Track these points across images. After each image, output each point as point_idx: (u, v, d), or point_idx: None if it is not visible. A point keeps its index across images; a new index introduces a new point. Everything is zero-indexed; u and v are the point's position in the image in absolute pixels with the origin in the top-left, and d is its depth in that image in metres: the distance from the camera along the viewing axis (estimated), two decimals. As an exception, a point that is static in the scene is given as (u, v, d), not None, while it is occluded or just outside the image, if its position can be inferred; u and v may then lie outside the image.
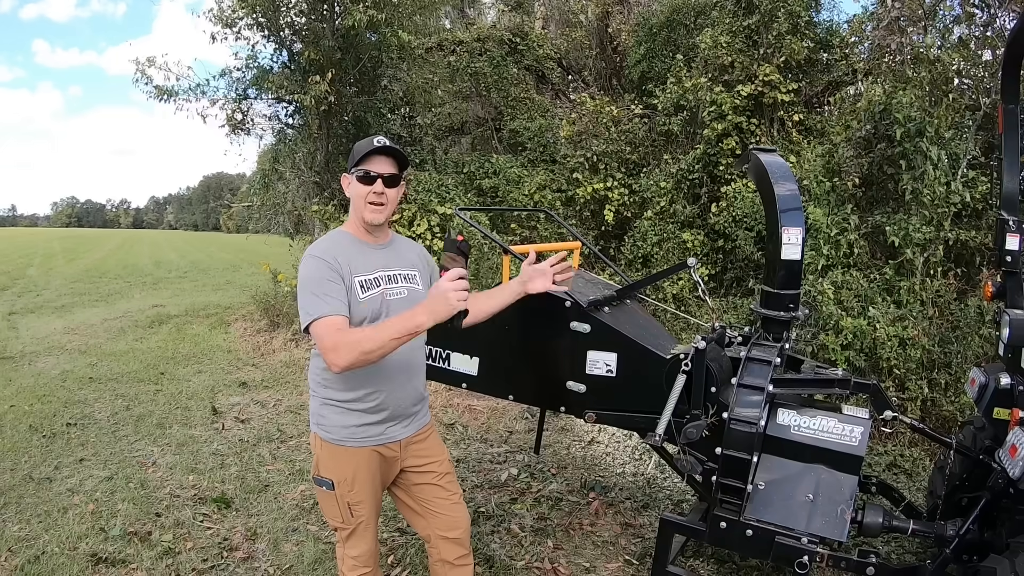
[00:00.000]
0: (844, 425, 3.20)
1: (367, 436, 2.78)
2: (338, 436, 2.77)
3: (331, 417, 2.78)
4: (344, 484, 2.79)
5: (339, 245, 2.75)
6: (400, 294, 2.78)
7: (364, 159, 2.70)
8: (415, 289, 2.86)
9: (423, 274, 2.95)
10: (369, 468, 2.81)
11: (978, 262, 6.88)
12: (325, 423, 2.80)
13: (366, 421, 2.76)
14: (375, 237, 2.85)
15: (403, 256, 2.92)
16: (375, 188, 2.71)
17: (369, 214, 2.73)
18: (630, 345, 3.42)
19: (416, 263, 2.95)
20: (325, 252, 2.67)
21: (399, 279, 2.82)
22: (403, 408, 2.84)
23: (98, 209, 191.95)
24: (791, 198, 3.49)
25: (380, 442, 2.81)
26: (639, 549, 4.34)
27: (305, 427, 6.56)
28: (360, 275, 2.69)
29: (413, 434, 2.93)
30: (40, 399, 7.40)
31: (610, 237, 10.20)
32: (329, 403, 2.78)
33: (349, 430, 2.76)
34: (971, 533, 3.26)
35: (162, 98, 10.63)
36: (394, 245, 2.94)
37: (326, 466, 2.81)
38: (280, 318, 10.94)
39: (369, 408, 2.75)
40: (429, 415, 3.07)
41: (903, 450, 5.76)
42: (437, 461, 3.01)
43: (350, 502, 2.81)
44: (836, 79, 9.62)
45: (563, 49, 14.55)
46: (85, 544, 4.35)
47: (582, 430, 6.36)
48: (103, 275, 22.27)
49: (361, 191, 2.71)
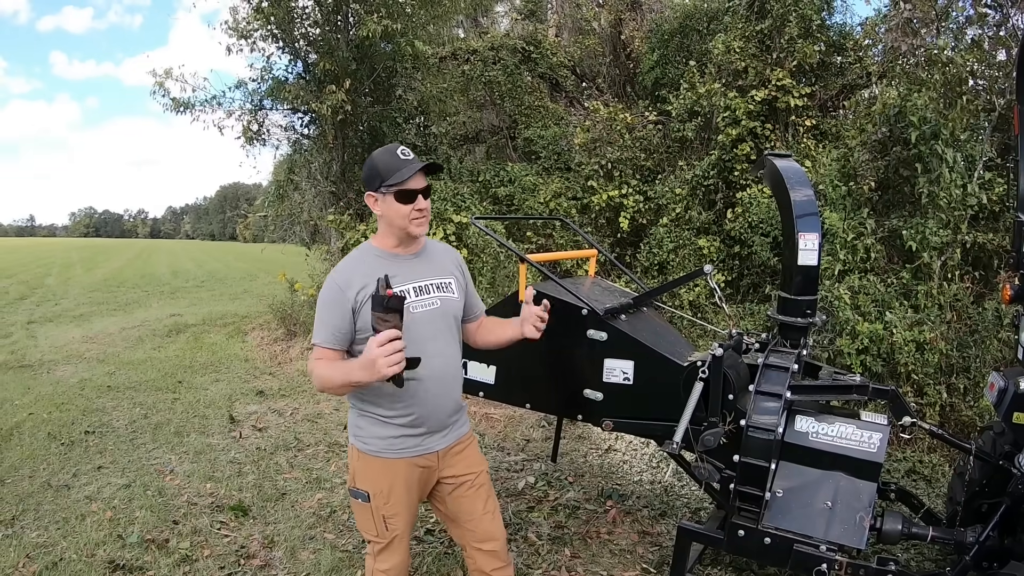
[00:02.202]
0: (862, 431, 3.18)
1: (404, 448, 2.75)
2: (375, 447, 2.75)
3: (368, 428, 2.77)
4: (379, 496, 2.77)
5: (361, 264, 2.72)
6: (431, 305, 2.75)
7: (397, 176, 2.62)
8: (449, 298, 2.82)
9: (459, 280, 2.92)
10: (406, 480, 2.79)
11: (996, 265, 6.84)
12: (362, 434, 2.79)
13: (403, 433, 2.74)
14: (406, 248, 2.80)
15: (436, 264, 2.87)
16: (416, 205, 2.67)
17: (415, 228, 2.70)
18: (647, 353, 3.42)
19: (451, 269, 2.91)
20: (341, 276, 2.68)
21: (430, 289, 2.77)
22: (440, 420, 2.79)
23: (115, 219, 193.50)
24: (807, 203, 3.48)
25: (417, 453, 2.78)
26: (657, 557, 4.33)
27: (322, 436, 6.59)
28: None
29: (451, 444, 2.89)
30: (58, 407, 7.44)
31: (626, 244, 10.19)
32: (366, 415, 2.78)
33: (386, 441, 2.74)
34: (991, 539, 3.24)
35: (179, 110, 10.72)
36: (426, 253, 2.88)
37: (362, 478, 2.80)
38: (297, 327, 10.97)
39: (406, 422, 2.72)
40: (468, 425, 3.03)
41: (922, 456, 5.72)
42: (474, 473, 2.96)
43: (385, 515, 2.78)
44: (850, 82, 9.60)
45: (576, 57, 14.56)
46: (103, 551, 4.37)
47: (599, 438, 6.35)
48: (121, 284, 22.42)
49: (403, 211, 2.66)
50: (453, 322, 2.85)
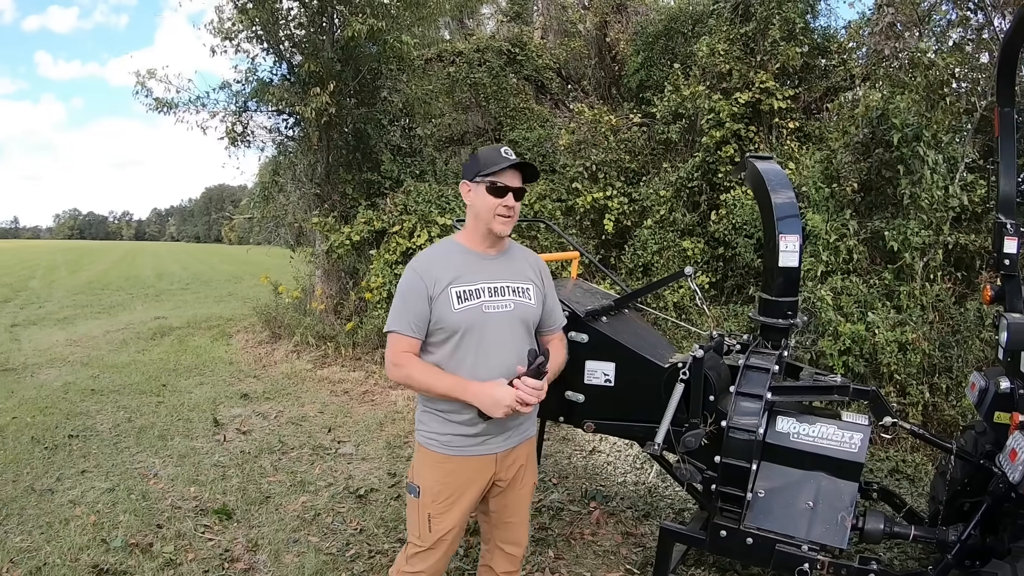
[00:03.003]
0: (844, 432, 3.20)
1: (463, 445, 2.75)
2: (436, 443, 2.76)
3: (431, 424, 2.78)
4: (429, 493, 2.77)
5: (444, 255, 2.76)
6: (505, 307, 2.73)
7: (492, 168, 2.68)
8: (524, 303, 2.80)
9: (537, 286, 2.89)
10: (462, 478, 2.78)
11: (978, 266, 6.89)
12: (424, 429, 2.80)
13: (464, 432, 2.74)
14: (489, 247, 2.81)
15: (516, 267, 2.87)
16: (506, 201, 2.70)
17: (498, 225, 2.71)
18: (628, 354, 3.43)
19: (530, 275, 2.89)
20: (422, 265, 2.70)
21: (507, 291, 2.76)
22: (500, 422, 2.73)
23: (100, 221, 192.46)
24: (788, 205, 3.50)
25: (478, 453, 2.77)
26: (640, 558, 4.34)
27: (307, 439, 6.59)
28: (460, 285, 2.67)
29: (512, 447, 2.87)
30: (42, 411, 7.39)
31: (610, 246, 10.20)
32: (429, 410, 2.79)
33: (447, 437, 2.75)
34: (973, 538, 3.26)
35: (162, 110, 10.65)
36: (509, 255, 2.88)
37: (418, 472, 2.82)
38: (281, 330, 10.93)
39: (465, 420, 2.72)
40: (534, 429, 3.02)
41: (905, 456, 5.76)
42: (525, 480, 2.97)
43: (431, 513, 2.76)
44: (834, 85, 9.65)
45: (562, 59, 14.59)
46: (86, 555, 4.35)
47: (583, 440, 6.36)
48: (105, 287, 22.28)
49: (490, 203, 2.69)
50: (525, 326, 2.82)
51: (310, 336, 10.12)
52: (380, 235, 9.78)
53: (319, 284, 11.07)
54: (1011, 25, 3.48)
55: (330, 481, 5.57)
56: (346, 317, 10.21)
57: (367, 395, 8.14)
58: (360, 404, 7.82)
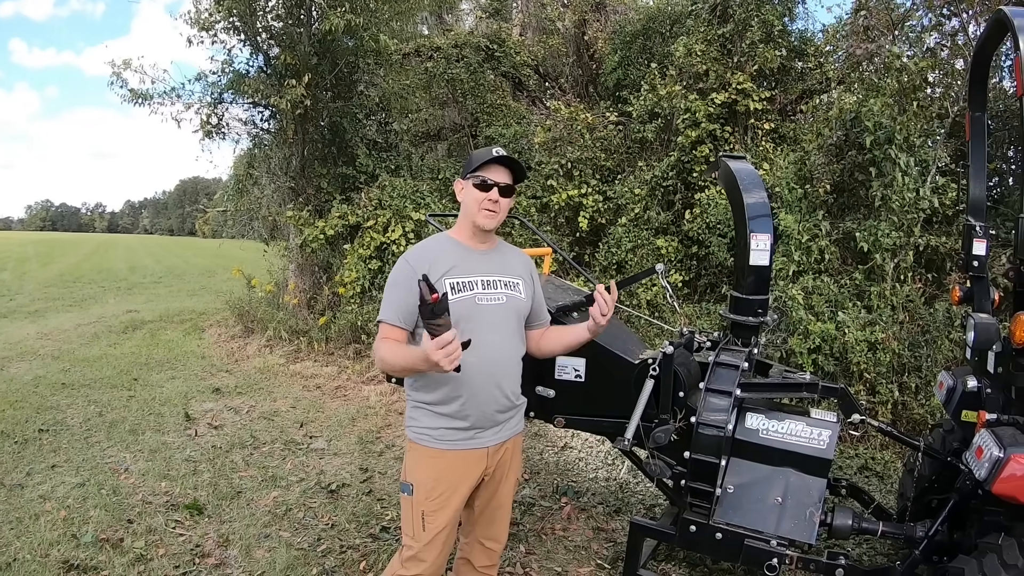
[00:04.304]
0: (812, 429, 3.24)
1: (454, 439, 2.76)
2: (427, 438, 2.77)
3: (421, 419, 2.79)
4: (422, 489, 2.77)
5: (437, 247, 2.82)
6: (497, 300, 2.79)
7: (482, 167, 2.75)
8: (516, 297, 2.86)
9: (527, 283, 2.95)
10: (454, 473, 2.79)
11: (948, 267, 6.97)
12: (415, 424, 2.81)
13: (454, 425, 2.75)
14: (480, 243, 2.87)
15: (507, 264, 2.93)
16: (490, 195, 2.75)
17: (482, 219, 2.76)
18: (599, 350, 3.44)
19: (521, 272, 2.95)
20: (415, 255, 2.76)
21: (498, 285, 2.82)
22: (488, 415, 2.78)
23: (73, 213, 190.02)
24: (760, 205, 3.53)
25: (469, 447, 2.78)
26: (611, 553, 4.36)
27: (279, 433, 6.56)
28: (453, 277, 2.71)
29: (503, 441, 2.88)
30: (12, 405, 7.30)
31: (585, 243, 10.22)
32: (419, 406, 2.80)
33: (439, 431, 2.75)
34: (940, 534, 3.30)
35: (137, 102, 10.53)
36: (499, 252, 2.95)
37: (411, 469, 2.82)
38: (254, 324, 10.87)
39: (452, 412, 2.73)
40: (523, 424, 3.04)
41: (874, 453, 5.83)
42: (510, 476, 2.99)
43: (425, 511, 2.76)
44: (810, 87, 9.72)
45: (540, 56, 14.57)
46: (57, 551, 4.31)
47: (555, 436, 6.38)
48: (77, 280, 22.05)
49: (476, 196, 2.75)
50: (516, 319, 2.88)
51: (283, 331, 10.07)
52: (354, 230, 9.76)
53: (292, 278, 11.01)
54: (983, 31, 3.52)
55: (302, 476, 5.56)
56: (319, 312, 10.16)
57: (339, 390, 8.11)
58: (332, 399, 7.79)
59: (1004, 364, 3.14)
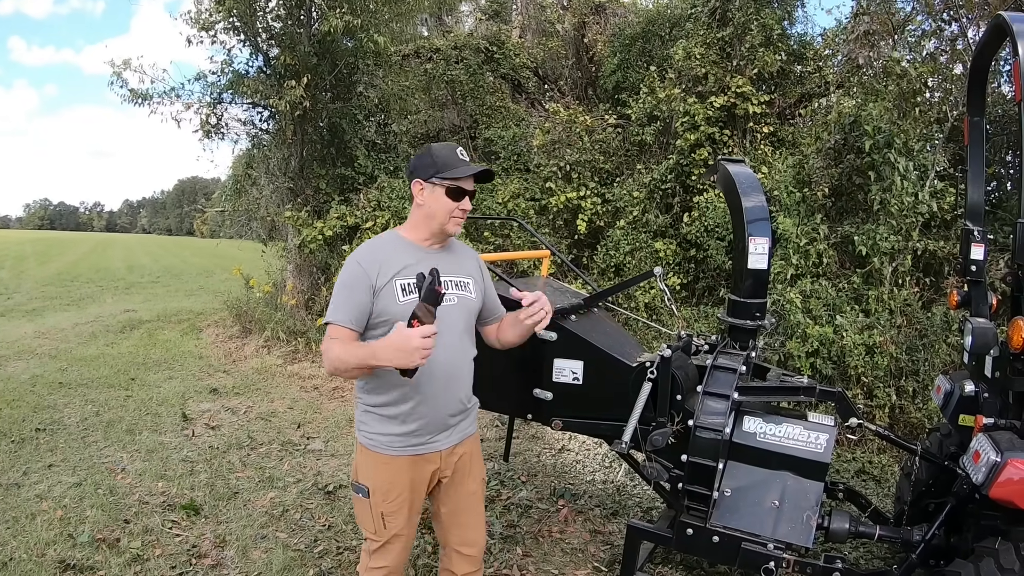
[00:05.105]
0: (810, 432, 3.24)
1: (408, 445, 2.74)
2: (378, 443, 2.74)
3: (372, 424, 2.76)
4: (379, 493, 2.75)
5: (387, 246, 2.75)
6: (449, 301, 2.70)
7: (454, 172, 2.69)
8: (467, 298, 2.84)
9: (477, 282, 2.92)
10: (409, 478, 2.77)
11: (946, 271, 6.98)
12: (366, 429, 2.78)
13: (405, 430, 2.72)
14: (433, 243, 2.82)
15: (459, 262, 2.89)
16: (463, 204, 2.73)
17: (452, 227, 2.75)
18: (596, 353, 3.44)
19: (471, 271, 2.92)
20: (365, 256, 2.69)
21: (450, 286, 2.76)
22: (440, 418, 2.77)
23: (71, 212, 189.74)
24: (758, 208, 3.54)
25: (420, 452, 2.77)
26: (608, 556, 4.36)
27: (276, 434, 6.55)
28: (404, 278, 2.66)
29: (455, 444, 2.87)
30: (9, 404, 7.29)
31: (583, 246, 10.22)
32: (369, 410, 2.77)
33: (389, 438, 2.73)
34: (937, 538, 3.31)
35: (136, 102, 10.51)
36: (450, 251, 2.90)
37: (364, 473, 2.79)
38: (252, 324, 10.85)
39: (404, 415, 2.71)
40: (475, 427, 3.03)
41: (872, 457, 5.83)
42: (472, 477, 2.97)
43: (384, 512, 2.76)
44: (809, 91, 9.73)
45: (539, 58, 14.57)
46: (53, 550, 4.30)
47: (552, 438, 6.38)
48: (75, 279, 22.01)
49: (447, 205, 2.70)
50: (468, 320, 2.86)
51: (280, 331, 10.06)
52: (353, 231, 9.75)
53: (290, 279, 11.00)
54: (982, 37, 3.53)
55: (299, 477, 5.55)
56: (317, 313, 10.15)
57: (337, 391, 8.10)
58: (330, 400, 7.79)
59: (1001, 368, 3.14)
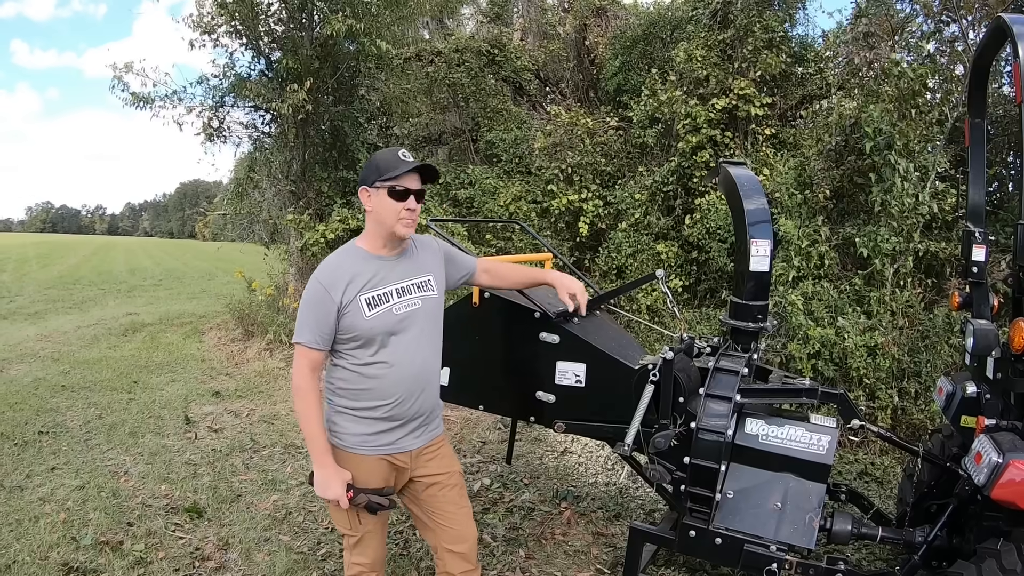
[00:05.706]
0: (812, 434, 3.24)
1: (378, 445, 2.78)
2: (348, 443, 2.77)
3: (343, 424, 2.79)
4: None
5: (348, 263, 2.76)
6: (413, 305, 2.79)
7: (392, 172, 2.69)
8: (429, 297, 2.87)
9: (438, 274, 2.95)
10: (379, 476, 2.81)
11: (948, 273, 6.97)
12: (337, 430, 2.80)
13: (377, 429, 2.76)
14: (391, 250, 2.83)
15: (418, 262, 2.90)
16: (408, 204, 2.71)
17: (402, 228, 2.74)
18: (599, 356, 3.45)
19: (430, 265, 2.94)
20: (327, 276, 2.70)
21: (412, 290, 2.81)
22: (413, 419, 2.82)
23: (73, 215, 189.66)
24: (760, 211, 3.54)
25: (390, 452, 2.80)
26: (611, 558, 4.36)
27: (278, 437, 6.56)
28: (368, 292, 2.69)
29: (425, 445, 2.91)
30: (12, 407, 7.31)
31: (585, 248, 10.23)
32: (341, 411, 2.79)
33: (360, 438, 2.76)
34: (939, 539, 3.31)
35: (138, 105, 10.53)
36: (409, 253, 2.90)
37: None
38: (255, 327, 10.86)
39: (378, 416, 2.75)
40: (442, 427, 3.06)
41: (874, 458, 5.83)
42: (447, 473, 2.99)
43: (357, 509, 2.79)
44: (810, 93, 9.72)
45: (541, 61, 14.59)
46: (56, 553, 4.32)
47: (555, 440, 6.38)
48: (77, 282, 22.05)
49: (393, 207, 2.70)
50: (433, 320, 2.90)
51: (283, 334, 10.06)
52: (355, 234, 9.71)
53: (293, 282, 11.00)
54: (983, 38, 3.53)
55: (301, 480, 5.55)
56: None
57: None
58: (332, 403, 7.77)
59: (1003, 370, 3.14)
